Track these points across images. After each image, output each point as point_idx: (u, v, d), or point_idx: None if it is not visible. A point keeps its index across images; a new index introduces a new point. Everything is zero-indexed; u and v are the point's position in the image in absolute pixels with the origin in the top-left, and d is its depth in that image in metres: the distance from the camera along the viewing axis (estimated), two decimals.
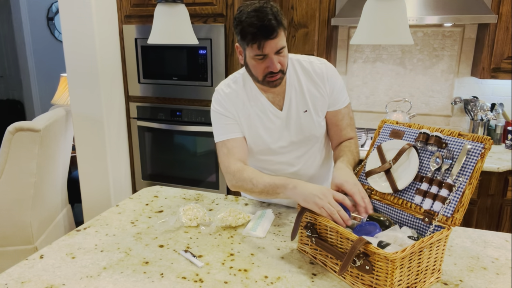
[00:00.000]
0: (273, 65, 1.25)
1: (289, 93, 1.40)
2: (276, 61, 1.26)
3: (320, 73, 1.40)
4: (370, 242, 0.96)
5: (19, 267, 1.10)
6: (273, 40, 1.21)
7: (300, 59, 1.42)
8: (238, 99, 1.40)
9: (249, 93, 1.41)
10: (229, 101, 1.40)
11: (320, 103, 1.42)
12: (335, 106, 1.44)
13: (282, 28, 1.23)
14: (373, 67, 2.83)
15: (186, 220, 1.33)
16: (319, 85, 1.40)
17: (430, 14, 2.25)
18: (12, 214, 2.28)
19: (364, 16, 1.20)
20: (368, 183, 1.26)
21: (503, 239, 1.27)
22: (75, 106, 2.57)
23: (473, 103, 2.57)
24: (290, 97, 1.40)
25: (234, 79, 1.44)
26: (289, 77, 1.39)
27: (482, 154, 1.03)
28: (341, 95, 1.44)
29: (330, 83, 1.41)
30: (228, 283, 1.04)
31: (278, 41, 1.23)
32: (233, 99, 1.40)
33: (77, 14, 2.40)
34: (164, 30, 1.42)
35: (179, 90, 2.60)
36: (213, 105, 1.44)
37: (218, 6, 2.38)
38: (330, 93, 1.41)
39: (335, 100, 1.43)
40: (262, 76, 1.30)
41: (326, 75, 1.40)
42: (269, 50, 1.23)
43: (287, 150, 1.46)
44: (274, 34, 1.20)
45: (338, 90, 1.43)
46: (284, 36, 1.26)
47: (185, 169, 2.73)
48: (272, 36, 1.20)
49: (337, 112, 1.45)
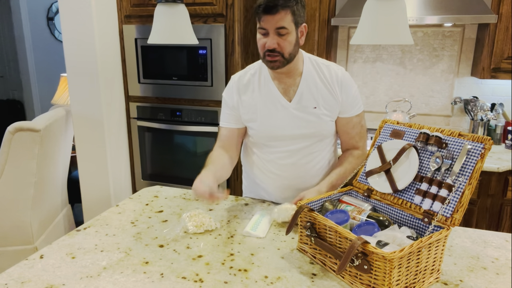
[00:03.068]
0: (270, 41, 1.31)
1: (302, 86, 1.43)
2: (273, 39, 1.31)
3: (336, 78, 1.43)
4: (368, 242, 0.96)
5: (19, 267, 1.11)
6: (273, 16, 1.27)
7: (319, 61, 1.47)
8: (248, 86, 1.49)
9: (261, 81, 1.47)
10: (236, 88, 1.50)
11: (332, 104, 1.44)
12: (346, 113, 1.47)
13: (289, 11, 1.28)
14: (373, 67, 2.83)
15: (193, 228, 1.30)
16: (333, 88, 1.43)
17: (430, 14, 2.25)
18: (12, 214, 2.28)
19: (364, 16, 1.20)
20: (368, 183, 1.26)
21: (503, 239, 1.27)
22: (75, 106, 2.57)
23: (473, 103, 2.57)
24: (302, 91, 1.43)
25: (252, 67, 1.52)
26: (305, 72, 1.43)
27: (482, 154, 1.03)
28: (354, 103, 1.46)
29: (344, 90, 1.43)
30: (228, 283, 1.04)
31: (279, 20, 1.28)
32: (240, 86, 1.49)
33: (77, 14, 2.40)
34: (164, 30, 1.42)
35: (179, 90, 2.60)
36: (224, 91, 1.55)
37: (218, 6, 2.38)
38: (343, 100, 1.44)
39: (348, 108, 1.46)
40: (262, 53, 1.36)
41: (341, 81, 1.44)
42: (268, 25, 1.29)
43: (289, 141, 1.48)
44: (274, 11, 1.26)
45: (351, 98, 1.45)
46: (289, 20, 1.29)
47: (185, 169, 2.73)
48: (271, 12, 1.27)
49: (348, 119, 1.48)
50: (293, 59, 1.37)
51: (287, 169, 1.51)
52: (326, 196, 1.27)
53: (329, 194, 1.28)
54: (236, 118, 1.52)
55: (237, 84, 1.50)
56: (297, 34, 1.35)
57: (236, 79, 1.52)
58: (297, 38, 1.35)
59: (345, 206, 1.22)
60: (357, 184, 1.31)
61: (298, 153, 1.49)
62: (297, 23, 1.32)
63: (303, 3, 1.34)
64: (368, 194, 1.25)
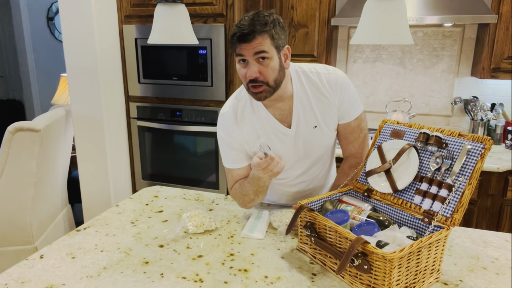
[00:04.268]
0: (250, 70, 1.20)
1: (296, 108, 1.33)
2: (255, 67, 1.19)
3: (328, 85, 1.33)
4: (368, 242, 0.96)
5: (19, 267, 1.11)
6: (249, 43, 1.17)
7: (306, 71, 1.34)
8: (243, 120, 1.35)
9: (256, 112, 1.35)
10: (234, 124, 1.35)
11: (330, 116, 1.36)
12: (344, 119, 1.38)
13: (267, 35, 1.18)
14: (373, 67, 2.83)
15: (193, 228, 1.30)
16: (327, 97, 1.33)
17: (430, 14, 2.25)
18: (12, 214, 2.28)
19: (364, 16, 1.20)
20: (368, 183, 1.26)
21: (503, 239, 1.27)
22: (75, 106, 2.57)
23: (473, 103, 2.57)
24: (298, 113, 1.33)
25: (239, 97, 1.38)
26: (296, 91, 1.32)
27: (482, 154, 1.03)
28: (351, 106, 1.36)
29: (339, 94, 1.34)
30: (228, 283, 1.04)
31: (256, 45, 1.17)
32: (238, 121, 1.35)
33: (77, 14, 2.40)
34: (164, 30, 1.42)
35: (179, 90, 2.60)
36: (218, 130, 1.40)
37: (218, 6, 2.38)
38: (340, 104, 1.35)
39: (344, 113, 1.37)
40: (246, 84, 1.25)
41: (335, 85, 1.33)
42: (246, 52, 1.19)
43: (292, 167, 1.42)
44: (250, 38, 1.16)
45: (347, 102, 1.35)
46: (269, 44, 1.18)
47: (185, 169, 2.73)
48: (247, 39, 1.17)
49: (347, 125, 1.39)
50: (279, 85, 1.25)
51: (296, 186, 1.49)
52: (326, 196, 1.27)
53: (329, 194, 1.28)
54: (245, 154, 1.38)
55: (233, 118, 1.35)
56: (280, 58, 1.23)
57: (231, 113, 1.36)
58: (281, 62, 1.23)
59: (345, 206, 1.22)
60: (357, 184, 1.31)
61: (307, 173, 1.45)
62: (278, 46, 1.21)
63: (282, 25, 1.23)
64: (368, 194, 1.25)
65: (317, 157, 1.43)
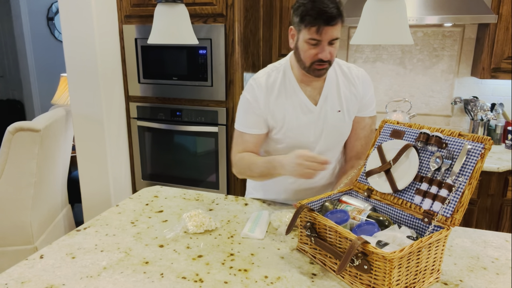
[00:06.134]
0: (324, 52, 1.28)
1: (326, 89, 1.42)
2: (327, 49, 1.28)
3: (357, 77, 1.44)
4: (368, 242, 0.96)
5: (19, 267, 1.11)
6: (332, 27, 1.24)
7: (340, 62, 1.46)
8: (273, 90, 1.42)
9: (287, 85, 1.42)
10: (264, 92, 1.41)
11: (353, 104, 1.45)
12: (362, 112, 1.47)
13: (341, 20, 1.26)
14: (373, 67, 2.83)
15: (193, 228, 1.30)
16: (355, 87, 1.44)
17: (430, 14, 2.25)
18: (12, 214, 2.28)
19: (364, 16, 1.20)
20: (368, 183, 1.26)
21: (503, 239, 1.27)
22: (75, 106, 2.57)
23: (473, 103, 2.57)
24: (326, 94, 1.42)
25: (275, 68, 1.45)
26: (329, 75, 1.42)
27: (482, 154, 1.03)
28: (370, 104, 1.48)
29: (364, 88, 1.45)
30: (228, 283, 1.04)
31: (335, 30, 1.25)
32: (268, 89, 1.42)
33: (77, 14, 2.40)
34: (164, 30, 1.42)
35: (179, 90, 2.60)
36: (244, 92, 1.45)
37: (218, 6, 2.38)
38: (363, 97, 1.45)
39: (364, 106, 1.47)
40: (310, 63, 1.31)
41: (362, 79, 1.45)
42: (325, 36, 1.26)
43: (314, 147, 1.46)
44: (334, 22, 1.23)
45: (369, 97, 1.47)
46: (340, 28, 1.28)
47: (185, 169, 2.73)
48: (332, 23, 1.23)
49: (361, 119, 1.48)
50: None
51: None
52: (326, 196, 1.27)
53: (329, 194, 1.28)
54: (264, 123, 1.43)
55: (265, 85, 1.41)
56: None
57: (264, 80, 1.42)
58: None
59: (345, 206, 1.22)
60: (357, 184, 1.31)
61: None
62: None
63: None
64: (368, 194, 1.25)
65: (331, 143, 1.47)
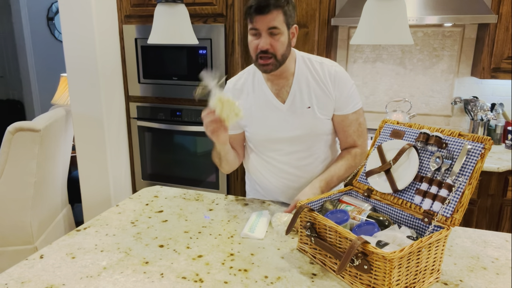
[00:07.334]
0: (262, 42, 1.30)
1: (294, 87, 1.42)
2: (266, 39, 1.30)
3: (328, 75, 1.42)
4: (368, 242, 0.96)
5: (19, 267, 1.11)
6: (265, 16, 1.27)
7: (312, 59, 1.45)
8: (242, 91, 1.49)
9: (255, 84, 1.47)
10: (231, 94, 1.48)
11: (325, 102, 1.43)
12: (341, 111, 1.44)
13: (281, 11, 1.28)
14: (373, 67, 2.83)
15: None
16: (326, 86, 1.42)
17: (430, 14, 2.25)
18: (12, 214, 2.28)
19: (364, 16, 1.20)
20: (368, 183, 1.26)
21: (503, 239, 1.27)
22: (75, 106, 2.57)
23: (473, 103, 2.57)
24: (295, 92, 1.42)
25: (248, 70, 1.52)
26: (297, 72, 1.43)
27: (482, 154, 1.03)
28: (350, 100, 1.44)
29: (337, 87, 1.42)
30: (228, 283, 1.04)
31: (271, 19, 1.27)
32: (236, 91, 1.50)
33: (77, 14, 2.40)
34: (164, 30, 1.42)
35: (179, 90, 2.60)
36: None
37: (218, 6, 2.38)
38: (338, 97, 1.42)
39: (342, 105, 1.44)
40: (255, 55, 1.35)
41: (335, 78, 1.42)
42: (261, 25, 1.29)
43: (285, 143, 1.48)
44: (267, 10, 1.26)
45: (346, 95, 1.43)
46: (281, 20, 1.29)
47: (185, 169, 2.73)
48: (264, 11, 1.26)
49: (344, 117, 1.46)
50: (285, 60, 1.37)
51: (286, 170, 1.51)
52: (326, 196, 1.27)
53: (329, 194, 1.28)
54: (236, 123, 1.50)
55: (232, 90, 1.51)
56: (289, 35, 1.35)
57: (231, 85, 1.53)
58: (289, 39, 1.36)
59: (345, 206, 1.22)
60: (357, 184, 1.31)
61: (296, 154, 1.49)
62: (288, 24, 1.32)
63: (294, 5, 1.35)
64: (368, 194, 1.25)
65: (307, 139, 1.47)
